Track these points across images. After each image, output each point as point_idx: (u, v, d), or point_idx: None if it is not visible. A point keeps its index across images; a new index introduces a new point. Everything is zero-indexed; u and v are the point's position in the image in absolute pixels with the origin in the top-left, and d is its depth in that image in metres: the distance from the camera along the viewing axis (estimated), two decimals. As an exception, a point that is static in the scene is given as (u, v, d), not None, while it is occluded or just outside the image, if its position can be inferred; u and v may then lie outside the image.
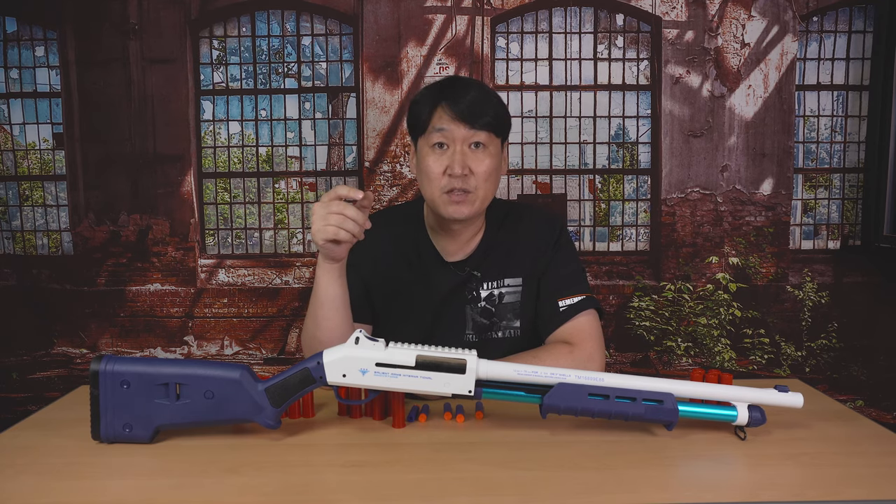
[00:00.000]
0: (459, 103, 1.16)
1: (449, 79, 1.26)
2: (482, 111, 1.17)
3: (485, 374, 0.97)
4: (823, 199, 2.40)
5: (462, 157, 1.17)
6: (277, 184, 2.38)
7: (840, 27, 2.32)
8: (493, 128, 1.18)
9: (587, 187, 2.39)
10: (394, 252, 1.31)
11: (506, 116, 1.23)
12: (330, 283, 1.14)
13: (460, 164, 1.16)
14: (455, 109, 1.16)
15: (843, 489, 0.82)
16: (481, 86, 1.23)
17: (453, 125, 1.16)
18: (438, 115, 1.18)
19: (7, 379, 2.39)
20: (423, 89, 1.24)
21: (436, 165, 1.18)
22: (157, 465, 0.90)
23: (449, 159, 1.17)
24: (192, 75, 2.32)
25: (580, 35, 2.33)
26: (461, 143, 1.17)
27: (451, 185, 1.18)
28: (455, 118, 1.16)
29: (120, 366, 0.95)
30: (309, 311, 1.19)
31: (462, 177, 1.17)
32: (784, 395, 0.97)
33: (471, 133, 1.17)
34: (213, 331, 2.39)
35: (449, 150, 1.18)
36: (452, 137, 1.17)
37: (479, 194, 1.19)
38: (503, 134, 1.23)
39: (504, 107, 1.23)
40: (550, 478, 0.85)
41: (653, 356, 2.40)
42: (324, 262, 1.12)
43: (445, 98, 1.18)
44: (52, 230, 2.37)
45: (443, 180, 1.18)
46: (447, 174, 1.17)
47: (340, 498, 0.81)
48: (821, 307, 2.39)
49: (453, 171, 1.16)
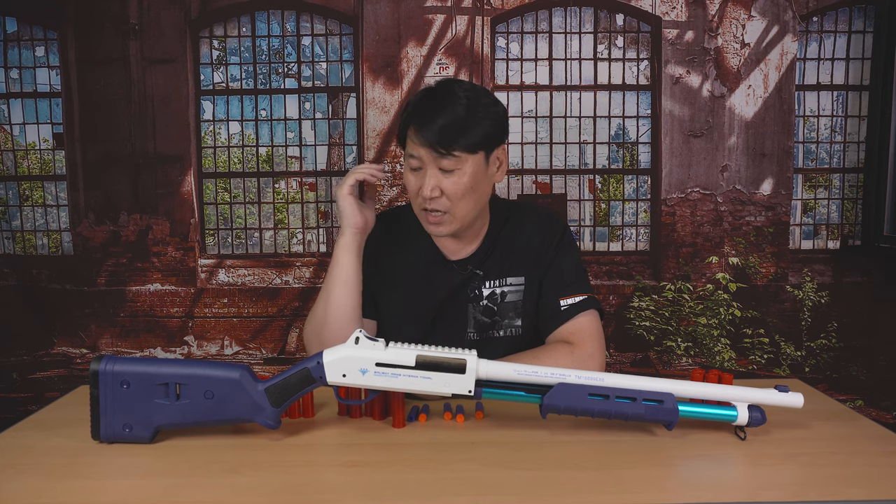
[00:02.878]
0: (428, 129, 1.12)
1: (428, 93, 1.19)
2: (451, 139, 1.12)
3: (485, 374, 0.97)
4: (823, 199, 2.40)
5: (433, 179, 1.15)
6: (277, 184, 2.38)
7: (840, 27, 2.32)
8: (464, 146, 1.14)
9: (587, 187, 2.39)
10: (396, 251, 1.31)
11: (489, 131, 1.16)
12: (350, 262, 1.18)
13: (430, 186, 1.15)
14: (423, 136, 1.13)
15: (843, 489, 0.82)
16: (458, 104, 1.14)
17: (422, 151, 1.14)
18: (411, 136, 1.16)
19: (7, 379, 2.38)
20: (411, 99, 1.20)
21: (412, 184, 1.19)
22: (157, 465, 0.90)
23: (421, 180, 1.17)
24: (192, 75, 2.32)
25: (580, 35, 2.33)
26: (431, 165, 1.15)
27: (424, 205, 1.18)
28: (422, 143, 1.13)
29: (120, 366, 0.95)
30: (321, 293, 1.21)
31: (433, 199, 1.16)
32: (784, 395, 0.97)
33: (437, 155, 1.14)
34: (213, 331, 2.39)
35: (421, 172, 1.17)
36: (423, 161, 1.16)
37: (455, 213, 1.18)
38: (487, 147, 1.18)
39: (490, 119, 1.16)
40: (550, 478, 0.85)
41: (653, 356, 2.40)
42: (347, 233, 1.17)
43: (415, 120, 1.14)
44: (52, 230, 2.37)
45: (419, 198, 1.19)
46: (420, 195, 1.18)
47: (340, 498, 0.81)
48: (820, 307, 2.39)
49: (423, 193, 1.16)
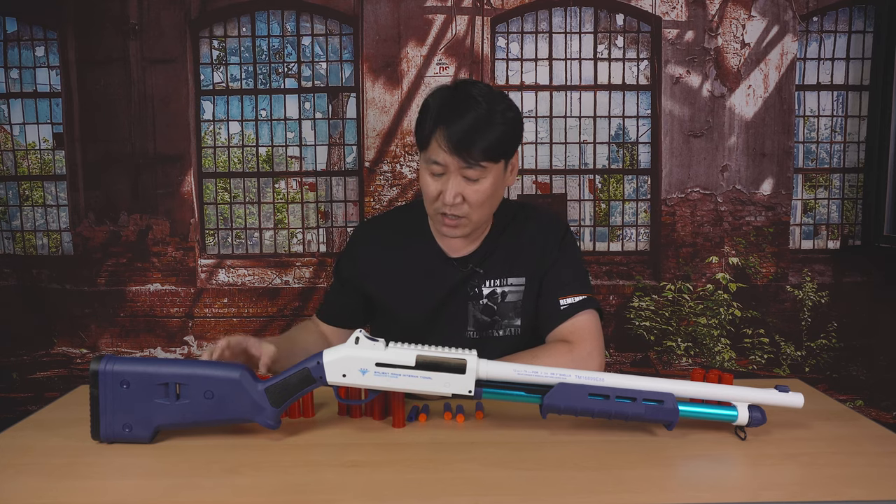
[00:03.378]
0: (456, 137, 1.12)
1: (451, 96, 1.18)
2: (477, 141, 1.13)
3: (485, 374, 0.97)
4: (823, 199, 2.40)
5: (455, 186, 1.15)
6: (277, 184, 2.38)
7: (840, 27, 2.32)
8: (491, 157, 1.15)
9: (587, 187, 2.39)
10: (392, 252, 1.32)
11: (509, 139, 1.18)
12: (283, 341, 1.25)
13: (452, 193, 1.15)
14: (450, 142, 1.12)
15: (843, 489, 0.82)
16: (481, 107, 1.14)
17: (448, 158, 1.14)
18: (436, 140, 1.15)
19: (7, 379, 2.38)
20: (431, 98, 1.19)
21: (431, 187, 1.18)
22: (157, 465, 0.90)
23: (443, 185, 1.17)
24: (192, 75, 2.32)
25: (580, 35, 2.33)
26: (455, 173, 1.16)
27: (443, 209, 1.18)
28: (450, 151, 1.13)
29: (120, 366, 0.95)
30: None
31: (454, 205, 1.17)
32: (784, 395, 0.97)
33: (465, 165, 1.14)
34: (213, 331, 2.39)
35: (444, 177, 1.17)
36: (447, 166, 1.16)
37: (472, 219, 1.19)
38: (507, 154, 1.19)
39: (509, 128, 1.16)
40: (550, 478, 0.85)
41: (653, 356, 2.40)
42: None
43: (443, 126, 1.14)
44: (52, 230, 2.37)
45: (437, 202, 1.18)
46: (440, 199, 1.17)
47: (340, 498, 0.81)
48: (820, 307, 2.39)
49: (445, 199, 1.16)
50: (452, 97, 1.17)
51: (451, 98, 1.17)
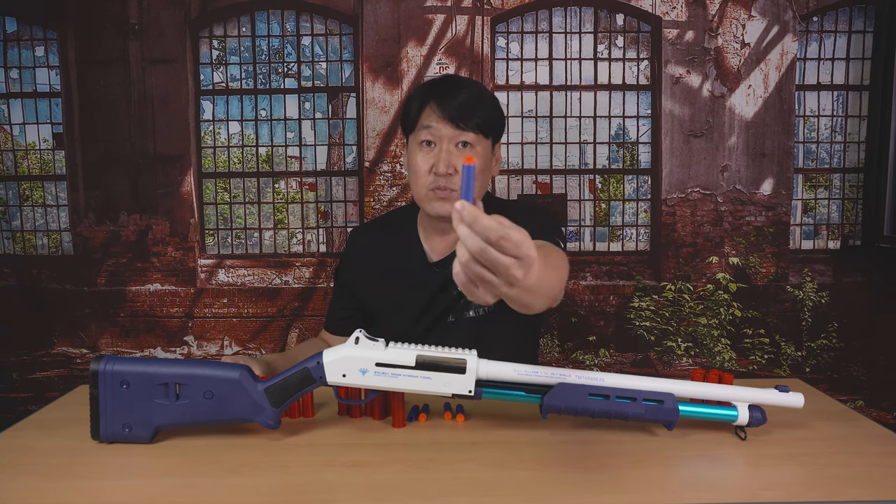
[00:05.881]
0: (448, 104, 1.16)
1: (442, 77, 1.25)
2: (471, 112, 1.16)
3: (485, 374, 0.97)
4: (823, 199, 2.40)
5: (448, 155, 1.17)
6: (277, 184, 2.38)
7: (840, 27, 2.32)
8: (482, 129, 1.18)
9: (587, 187, 2.39)
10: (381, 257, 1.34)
11: (498, 118, 1.22)
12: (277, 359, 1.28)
13: (445, 162, 1.16)
14: (443, 109, 1.16)
15: (843, 489, 0.82)
16: (474, 86, 1.21)
17: (441, 124, 1.16)
18: (427, 112, 1.18)
19: (7, 379, 2.38)
20: (417, 87, 1.24)
21: (423, 163, 1.19)
22: (157, 465, 0.90)
23: (435, 157, 1.18)
24: (192, 75, 2.32)
25: (580, 35, 2.33)
26: (448, 142, 1.17)
27: (436, 182, 1.18)
28: (443, 117, 1.16)
29: (119, 366, 0.95)
30: None
31: (447, 175, 1.17)
32: (785, 395, 0.97)
33: (458, 133, 1.17)
34: (213, 331, 2.39)
35: (436, 149, 1.18)
36: (439, 136, 1.17)
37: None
38: (494, 134, 1.23)
39: (497, 108, 1.22)
40: (550, 478, 0.85)
41: (653, 356, 2.40)
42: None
43: (435, 96, 1.18)
44: (52, 230, 2.37)
45: (429, 178, 1.19)
46: (433, 172, 1.18)
47: (340, 498, 0.81)
48: (821, 307, 2.39)
49: (438, 169, 1.17)
50: (442, 80, 1.22)
51: (441, 79, 1.23)
